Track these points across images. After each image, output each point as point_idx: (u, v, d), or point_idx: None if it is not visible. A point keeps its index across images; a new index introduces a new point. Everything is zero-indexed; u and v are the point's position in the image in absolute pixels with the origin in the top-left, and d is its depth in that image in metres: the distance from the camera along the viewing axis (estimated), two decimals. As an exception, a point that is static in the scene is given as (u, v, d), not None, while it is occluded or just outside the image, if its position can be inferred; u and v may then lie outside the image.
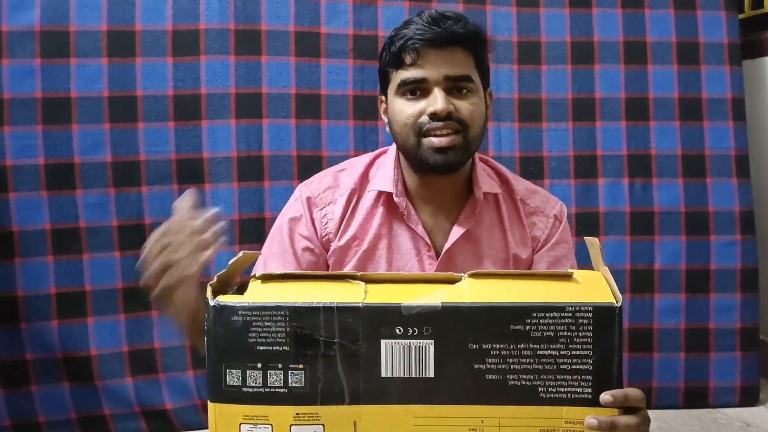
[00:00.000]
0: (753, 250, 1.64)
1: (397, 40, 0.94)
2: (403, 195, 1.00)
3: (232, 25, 1.52)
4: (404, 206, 0.99)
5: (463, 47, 0.94)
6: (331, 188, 1.03)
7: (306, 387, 0.58)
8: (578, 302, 0.57)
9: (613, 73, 1.63)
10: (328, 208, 1.01)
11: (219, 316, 0.58)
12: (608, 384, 0.57)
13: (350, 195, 1.02)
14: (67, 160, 1.47)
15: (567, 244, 1.04)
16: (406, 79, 0.93)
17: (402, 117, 0.94)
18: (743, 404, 1.62)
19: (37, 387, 1.46)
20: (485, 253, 1.01)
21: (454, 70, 0.93)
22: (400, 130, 0.95)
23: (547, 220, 1.03)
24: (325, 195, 1.02)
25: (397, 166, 1.02)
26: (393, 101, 0.97)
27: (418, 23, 0.93)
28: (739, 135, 1.64)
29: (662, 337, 1.63)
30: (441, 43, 0.92)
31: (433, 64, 0.92)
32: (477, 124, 0.95)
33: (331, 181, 1.04)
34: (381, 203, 1.01)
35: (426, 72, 0.92)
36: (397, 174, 1.01)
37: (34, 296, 1.46)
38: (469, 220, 1.00)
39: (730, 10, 1.64)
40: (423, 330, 0.57)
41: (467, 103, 0.94)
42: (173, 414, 1.52)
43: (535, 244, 1.03)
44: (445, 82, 0.93)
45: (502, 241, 1.02)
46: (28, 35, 1.44)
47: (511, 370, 0.57)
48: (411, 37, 0.92)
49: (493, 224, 1.02)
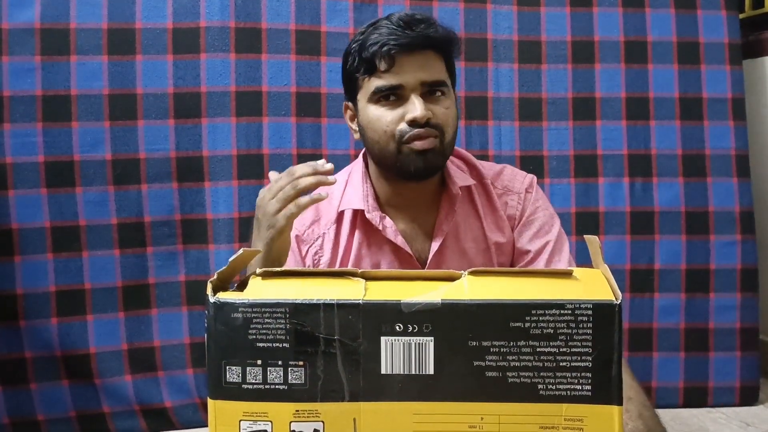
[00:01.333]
0: (753, 250, 1.64)
1: (369, 45, 0.91)
2: (375, 209, 0.99)
3: (232, 23, 1.52)
4: (378, 221, 0.98)
5: (436, 51, 0.93)
6: (315, 222, 1.02)
7: (306, 384, 0.58)
8: (578, 299, 0.57)
9: (614, 73, 1.63)
10: (318, 244, 1.00)
11: (219, 313, 0.58)
12: (607, 381, 0.57)
13: (337, 227, 1.01)
14: (67, 157, 1.47)
15: (546, 211, 1.03)
16: (381, 86, 0.92)
17: (380, 125, 0.93)
18: (743, 404, 1.62)
19: (37, 385, 1.46)
20: (465, 247, 1.01)
21: (429, 75, 0.92)
22: (379, 138, 0.93)
23: (518, 197, 1.03)
24: (312, 231, 1.01)
25: (365, 179, 1.00)
26: (366, 108, 0.95)
27: (388, 27, 0.91)
28: (740, 135, 1.64)
29: (662, 337, 1.63)
30: (415, 48, 0.90)
31: (408, 70, 0.91)
32: (451, 128, 0.95)
33: (312, 214, 1.02)
34: (357, 222, 1.00)
35: (402, 78, 0.91)
36: (366, 188, 0.99)
37: (33, 294, 1.46)
38: (448, 219, 0.99)
39: (730, 10, 1.64)
40: (423, 327, 0.57)
41: (442, 108, 0.93)
42: (172, 412, 1.52)
43: (512, 223, 1.03)
44: (420, 87, 0.91)
45: (479, 231, 1.01)
46: (28, 32, 1.44)
47: (510, 368, 0.57)
48: (385, 43, 0.89)
49: (469, 216, 1.02)
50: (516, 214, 1.03)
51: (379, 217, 0.98)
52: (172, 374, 1.53)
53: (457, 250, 1.01)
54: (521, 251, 1.02)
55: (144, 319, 1.52)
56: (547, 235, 1.02)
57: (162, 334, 1.52)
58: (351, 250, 1.00)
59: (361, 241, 1.00)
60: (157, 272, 1.52)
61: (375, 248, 1.00)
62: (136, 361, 1.51)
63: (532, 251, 1.01)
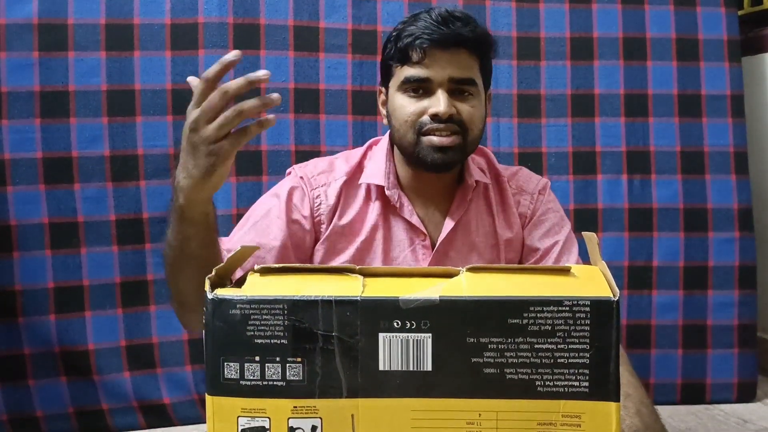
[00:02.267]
0: (751, 247, 1.64)
1: (405, 36, 0.93)
2: (395, 187, 1.00)
3: (230, 19, 1.51)
4: (396, 199, 1.00)
5: (469, 50, 0.94)
6: (325, 172, 1.03)
7: (304, 380, 0.58)
8: (576, 296, 0.57)
9: (613, 69, 1.63)
10: (322, 190, 1.01)
11: (217, 309, 0.58)
12: (605, 378, 0.57)
13: (345, 182, 1.02)
14: (65, 153, 1.47)
15: (556, 213, 1.06)
16: (410, 76, 0.94)
17: (403, 114, 0.95)
18: (740, 401, 1.63)
19: (35, 381, 1.46)
20: (476, 240, 1.02)
21: (459, 73, 0.93)
22: (400, 126, 0.96)
23: (531, 197, 1.05)
24: (320, 177, 1.02)
25: (389, 158, 1.02)
26: (394, 96, 0.97)
27: (426, 21, 0.93)
28: (738, 132, 1.64)
29: (660, 334, 1.63)
30: (448, 45, 0.92)
31: (439, 65, 0.92)
32: (476, 127, 0.96)
33: (326, 165, 1.04)
34: (375, 196, 1.01)
35: (431, 72, 0.93)
36: (389, 166, 1.01)
37: (31, 290, 1.46)
38: (460, 209, 1.01)
39: (729, 7, 1.64)
40: (421, 324, 0.57)
41: (468, 106, 0.95)
42: (171, 408, 1.53)
43: (523, 221, 1.05)
44: (448, 83, 0.93)
45: (491, 227, 1.03)
46: (26, 28, 1.44)
47: (508, 364, 0.57)
48: (419, 36, 0.92)
49: (481, 211, 1.03)
50: (527, 213, 1.05)
51: (398, 195, 1.00)
52: (171, 371, 1.53)
53: (467, 242, 1.02)
54: (530, 249, 1.04)
55: (142, 315, 1.52)
56: (556, 235, 1.03)
57: (160, 331, 1.53)
58: (365, 218, 1.01)
59: (379, 213, 1.01)
60: (155, 269, 1.52)
61: (390, 223, 1.01)
62: (135, 357, 1.51)
63: (541, 249, 1.03)
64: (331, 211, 1.00)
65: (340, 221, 1.00)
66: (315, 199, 1.01)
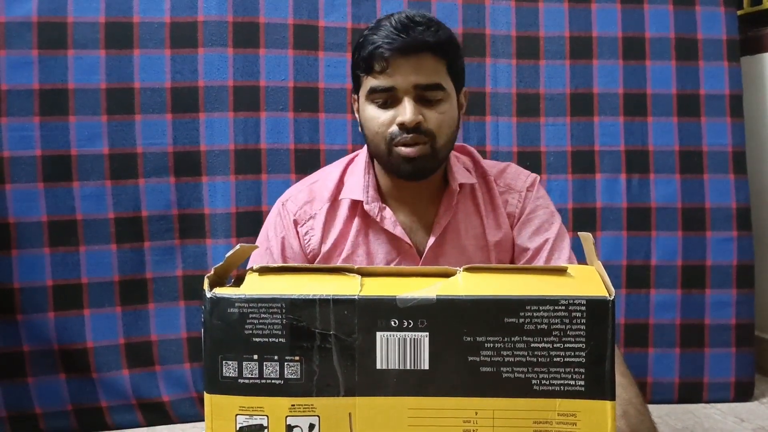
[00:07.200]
0: (749, 246, 1.64)
1: (367, 45, 0.92)
2: (376, 200, 0.99)
3: (230, 18, 1.51)
4: (376, 212, 0.99)
5: (434, 54, 0.92)
6: (307, 203, 1.03)
7: (301, 379, 0.58)
8: (572, 295, 0.57)
9: (612, 69, 1.63)
10: (309, 224, 1.01)
11: (216, 307, 0.58)
12: (601, 376, 0.57)
13: (328, 207, 1.02)
14: (64, 151, 1.47)
15: (546, 209, 1.04)
16: (375, 86, 0.93)
17: (373, 125, 0.94)
18: (738, 400, 1.63)
19: (34, 379, 1.47)
20: (465, 244, 1.01)
21: (424, 79, 0.91)
22: (372, 137, 0.95)
23: (519, 195, 1.04)
24: (304, 211, 1.02)
25: (368, 171, 1.01)
26: (364, 106, 0.96)
27: (386, 28, 0.91)
28: (737, 131, 1.64)
29: (657, 333, 1.63)
30: (410, 51, 0.90)
31: (402, 73, 0.91)
32: (445, 133, 0.94)
33: (306, 195, 1.04)
34: (356, 211, 1.01)
35: (395, 81, 0.91)
36: (368, 179, 1.00)
37: (30, 288, 1.46)
38: (447, 214, 1.00)
39: (728, 7, 1.64)
40: (418, 322, 0.58)
41: (436, 113, 0.93)
42: (169, 406, 1.53)
43: (511, 221, 1.03)
44: (414, 90, 0.92)
45: (479, 229, 1.02)
46: (25, 26, 1.44)
47: (505, 363, 0.57)
48: (380, 45, 0.90)
49: (470, 213, 1.02)
50: (516, 212, 1.03)
51: (378, 207, 0.99)
52: (169, 368, 1.54)
53: (456, 246, 1.01)
54: (521, 249, 1.03)
55: (141, 313, 1.52)
56: (546, 233, 1.02)
57: (159, 329, 1.53)
58: (347, 236, 1.01)
59: (359, 229, 1.00)
60: (154, 267, 1.52)
61: (372, 237, 1.01)
62: (133, 355, 1.52)
63: (531, 249, 1.02)
64: (320, 240, 1.01)
65: (325, 245, 1.01)
66: (305, 236, 1.02)
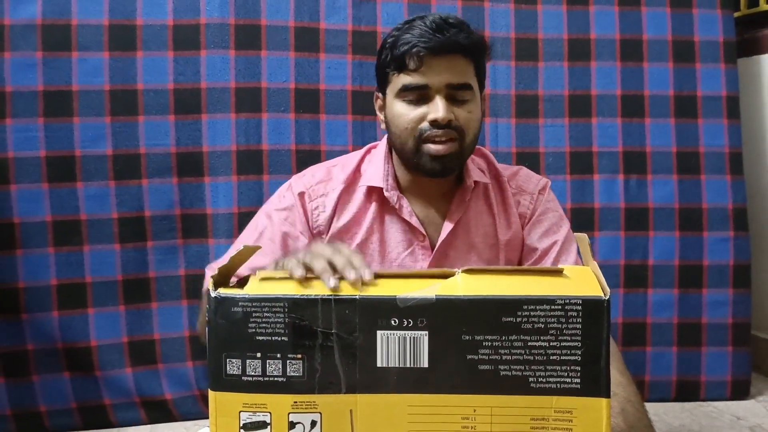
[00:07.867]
0: (746, 246, 1.65)
1: (401, 44, 0.95)
2: (394, 189, 1.02)
3: (232, 20, 1.53)
4: (395, 200, 1.01)
5: (464, 55, 0.96)
6: (323, 181, 1.05)
7: (304, 376, 0.60)
8: (568, 295, 0.59)
9: (610, 70, 1.64)
10: (320, 200, 1.03)
11: (220, 307, 0.60)
12: (596, 374, 0.59)
13: (343, 189, 1.03)
14: (68, 152, 1.48)
15: (555, 213, 1.07)
16: (408, 84, 0.95)
17: (403, 121, 0.96)
18: (734, 398, 1.64)
19: (38, 377, 1.48)
20: (475, 241, 1.03)
21: (456, 78, 0.95)
22: (400, 133, 0.97)
23: (531, 197, 1.07)
24: (318, 188, 1.04)
25: (388, 161, 1.04)
26: (393, 103, 0.98)
27: (421, 28, 0.94)
28: (734, 132, 1.65)
29: (655, 332, 1.64)
30: (444, 51, 0.93)
31: (436, 72, 0.94)
32: (472, 132, 0.98)
33: (323, 174, 1.06)
34: (373, 198, 1.03)
35: (428, 79, 0.94)
36: (388, 169, 1.03)
37: (34, 287, 1.47)
38: (459, 210, 1.03)
39: (725, 9, 1.65)
40: (418, 322, 0.59)
41: (465, 111, 0.96)
42: (172, 404, 1.54)
43: (522, 221, 1.06)
44: (446, 89, 0.95)
45: (491, 228, 1.04)
46: (29, 29, 1.45)
47: (502, 361, 0.59)
48: (415, 44, 0.93)
49: (481, 211, 1.05)
50: (527, 213, 1.06)
51: (397, 196, 1.01)
52: (172, 367, 1.55)
53: (466, 242, 1.03)
54: (530, 248, 1.05)
55: (144, 312, 1.53)
56: (555, 235, 1.04)
57: (162, 328, 1.54)
58: (362, 221, 1.03)
59: (375, 216, 1.02)
60: (157, 266, 1.53)
61: (388, 225, 1.03)
62: (137, 353, 1.53)
63: (540, 249, 1.04)
64: (330, 218, 1.03)
65: (339, 222, 1.02)
66: (314, 211, 1.03)
